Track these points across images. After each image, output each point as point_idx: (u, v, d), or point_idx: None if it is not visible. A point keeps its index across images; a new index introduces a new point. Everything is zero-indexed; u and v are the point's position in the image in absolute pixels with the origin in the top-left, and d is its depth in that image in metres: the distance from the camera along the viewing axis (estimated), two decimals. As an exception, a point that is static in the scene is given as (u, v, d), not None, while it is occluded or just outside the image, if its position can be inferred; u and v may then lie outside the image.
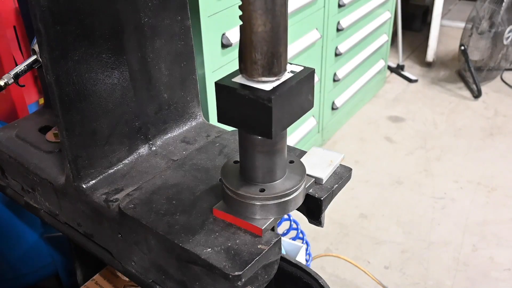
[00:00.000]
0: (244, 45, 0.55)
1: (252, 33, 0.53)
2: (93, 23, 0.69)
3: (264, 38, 0.53)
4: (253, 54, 0.54)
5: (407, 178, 2.20)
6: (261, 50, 0.54)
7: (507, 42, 2.93)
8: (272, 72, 0.56)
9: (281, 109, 0.56)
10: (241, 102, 0.56)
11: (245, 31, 0.54)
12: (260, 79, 0.56)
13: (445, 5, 3.24)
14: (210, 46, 1.40)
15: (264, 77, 0.56)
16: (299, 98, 0.59)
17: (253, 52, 0.54)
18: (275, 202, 0.63)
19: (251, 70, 0.56)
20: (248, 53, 0.55)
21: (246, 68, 0.56)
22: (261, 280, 0.65)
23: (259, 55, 0.54)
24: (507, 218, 1.97)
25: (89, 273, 1.08)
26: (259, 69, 0.55)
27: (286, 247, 1.39)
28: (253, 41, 0.54)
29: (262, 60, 0.55)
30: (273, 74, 0.56)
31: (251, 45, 0.54)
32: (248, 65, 0.56)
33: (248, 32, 0.53)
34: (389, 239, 1.87)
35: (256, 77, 0.56)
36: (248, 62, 0.55)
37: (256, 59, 0.55)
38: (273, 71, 0.56)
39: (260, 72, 0.55)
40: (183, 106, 0.89)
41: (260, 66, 0.55)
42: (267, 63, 0.55)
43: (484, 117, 2.71)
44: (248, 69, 0.56)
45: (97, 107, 0.74)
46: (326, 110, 2.35)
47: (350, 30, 2.30)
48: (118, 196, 0.74)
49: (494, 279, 1.69)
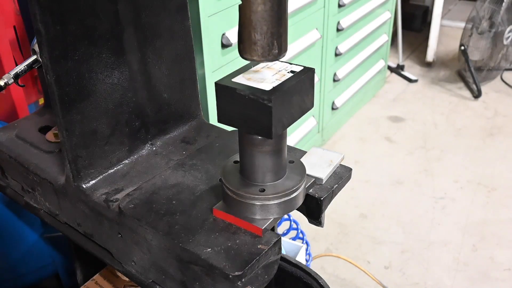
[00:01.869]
0: (244, 26, 0.54)
1: (252, 12, 0.52)
2: (93, 23, 0.69)
3: (263, 17, 0.52)
4: (252, 34, 0.53)
5: (407, 178, 2.20)
6: (261, 30, 0.53)
7: (507, 42, 2.93)
8: (271, 53, 0.54)
9: (281, 109, 0.55)
10: (241, 102, 0.56)
11: (244, 10, 0.53)
12: (259, 60, 0.55)
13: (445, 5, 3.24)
14: (210, 46, 1.40)
15: (263, 58, 0.55)
16: (299, 97, 0.58)
17: (253, 32, 0.53)
18: (275, 202, 0.63)
19: (250, 51, 0.54)
20: (247, 34, 0.54)
21: (245, 48, 0.55)
22: (261, 280, 0.65)
23: (258, 35, 0.53)
24: (507, 218, 1.97)
25: (89, 273, 1.08)
26: (258, 49, 0.54)
27: (286, 247, 1.39)
28: (253, 21, 0.53)
29: (261, 41, 0.54)
30: (272, 55, 0.55)
31: (250, 25, 0.53)
32: (247, 46, 0.54)
33: (248, 12, 0.52)
34: (389, 239, 1.87)
35: (255, 58, 0.55)
36: (247, 43, 0.54)
37: (256, 40, 0.53)
38: (273, 52, 0.54)
39: (260, 53, 0.54)
40: (183, 106, 0.89)
41: (259, 47, 0.54)
42: (266, 43, 0.54)
43: (484, 117, 2.71)
44: (247, 50, 0.55)
45: (97, 107, 0.74)
46: (326, 110, 2.35)
47: (350, 30, 2.30)
48: (118, 196, 0.74)
49: (494, 279, 1.69)
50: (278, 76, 0.58)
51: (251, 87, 0.56)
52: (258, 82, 0.56)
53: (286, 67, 0.61)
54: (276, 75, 0.58)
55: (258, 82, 0.57)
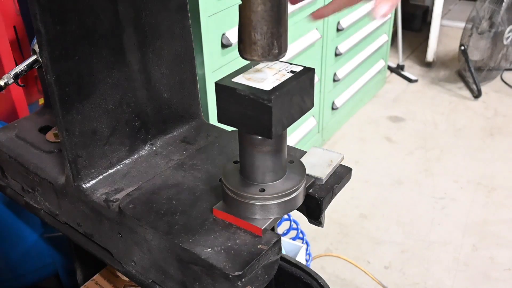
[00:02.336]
0: (244, 25, 0.54)
1: (252, 12, 0.52)
2: (93, 23, 0.69)
3: (263, 17, 0.52)
4: (252, 34, 0.53)
5: (407, 178, 2.20)
6: (261, 30, 0.53)
7: (507, 42, 2.93)
8: (271, 53, 0.55)
9: (281, 109, 0.55)
10: (241, 102, 0.56)
11: (244, 10, 0.53)
12: (259, 60, 0.55)
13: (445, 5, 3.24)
14: (210, 46, 1.40)
15: (263, 58, 0.55)
16: (299, 98, 0.58)
17: (253, 32, 0.53)
18: (275, 202, 0.63)
19: (250, 51, 0.55)
20: (247, 33, 0.54)
21: (245, 49, 0.55)
22: (261, 280, 0.65)
23: (258, 35, 0.53)
24: (507, 218, 1.97)
25: (89, 273, 1.08)
26: (259, 50, 0.54)
27: (286, 247, 1.39)
28: (253, 21, 0.53)
29: (261, 41, 0.54)
30: (272, 55, 0.55)
31: (250, 25, 0.53)
32: (247, 46, 0.54)
33: (248, 11, 0.52)
34: (389, 239, 1.87)
35: (256, 58, 0.55)
36: (247, 43, 0.54)
37: (256, 40, 0.54)
38: (273, 52, 0.55)
39: (260, 53, 0.54)
40: (183, 106, 0.89)
41: (259, 47, 0.54)
42: (266, 43, 0.54)
43: (484, 117, 2.71)
44: (247, 50, 0.55)
45: (97, 107, 0.74)
46: (326, 110, 2.35)
47: (350, 30, 2.30)
48: (118, 196, 0.74)
49: (494, 279, 1.69)
50: (278, 76, 0.58)
51: (251, 87, 0.56)
52: (258, 82, 0.56)
53: (286, 67, 0.61)
54: (276, 75, 0.58)
55: (258, 82, 0.56)
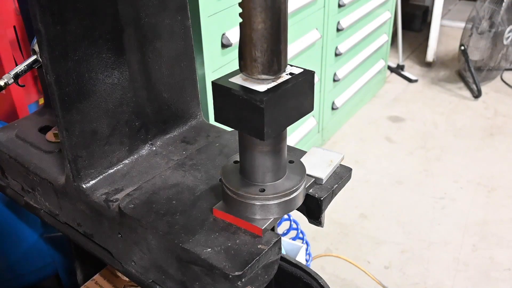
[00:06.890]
0: (244, 43, 0.55)
1: (252, 30, 0.53)
2: (93, 23, 0.69)
3: (264, 35, 0.53)
4: (252, 52, 0.54)
5: (407, 178, 2.20)
6: (261, 48, 0.54)
7: (507, 42, 2.93)
8: (271, 70, 0.55)
9: (275, 111, 0.55)
10: (236, 102, 0.56)
11: (245, 28, 0.53)
12: (259, 77, 0.56)
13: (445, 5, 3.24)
14: (210, 46, 1.40)
15: (264, 74, 0.55)
16: (296, 100, 0.58)
17: (253, 50, 0.54)
18: (275, 202, 0.63)
19: (251, 67, 0.55)
20: (248, 51, 0.54)
21: (246, 65, 0.56)
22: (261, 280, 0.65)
23: (258, 52, 0.54)
24: (507, 218, 1.97)
25: (89, 273, 1.09)
26: (259, 66, 0.55)
27: (286, 247, 1.39)
28: (253, 39, 0.53)
29: (261, 58, 0.54)
30: (272, 72, 0.55)
31: (251, 43, 0.54)
32: (248, 63, 0.55)
33: (248, 29, 0.53)
34: (389, 239, 1.87)
35: (256, 75, 0.56)
36: (248, 60, 0.55)
37: (256, 57, 0.54)
38: (273, 69, 0.55)
39: (260, 70, 0.55)
40: (183, 106, 0.88)
41: (259, 64, 0.55)
42: (266, 60, 0.55)
43: (484, 117, 2.71)
44: (248, 67, 0.56)
45: (97, 107, 0.74)
46: (326, 110, 2.35)
47: (350, 30, 2.30)
48: (118, 196, 0.74)
49: (494, 279, 1.69)
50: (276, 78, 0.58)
51: (246, 87, 0.56)
52: (254, 83, 0.56)
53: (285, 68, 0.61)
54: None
55: (254, 83, 0.56)
